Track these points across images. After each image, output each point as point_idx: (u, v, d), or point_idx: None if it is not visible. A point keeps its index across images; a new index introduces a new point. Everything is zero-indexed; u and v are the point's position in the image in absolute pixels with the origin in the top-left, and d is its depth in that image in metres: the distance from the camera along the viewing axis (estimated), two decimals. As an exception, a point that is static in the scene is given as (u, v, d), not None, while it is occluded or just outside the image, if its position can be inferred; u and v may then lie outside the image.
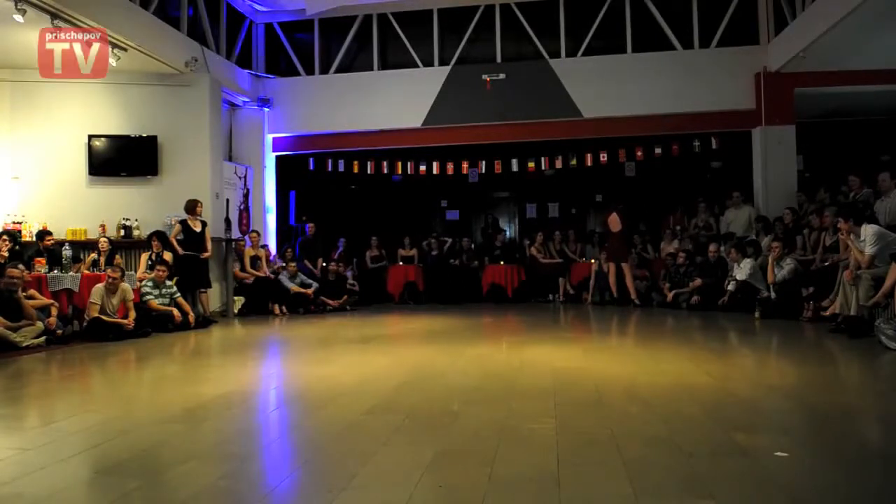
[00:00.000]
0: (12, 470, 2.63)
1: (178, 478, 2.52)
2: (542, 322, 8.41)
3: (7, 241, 7.33)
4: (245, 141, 11.47)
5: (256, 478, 2.62)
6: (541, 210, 13.20)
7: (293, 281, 10.01)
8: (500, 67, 11.35)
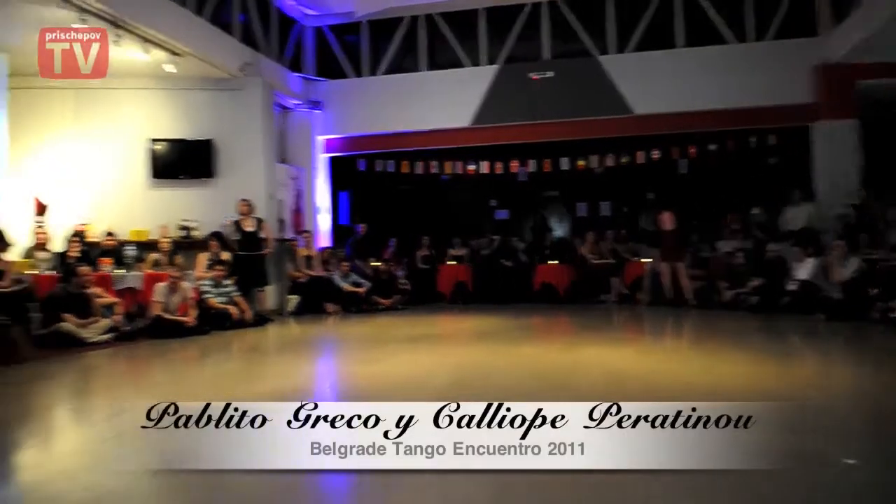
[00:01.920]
0: (86, 461, 2.75)
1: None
2: (595, 322, 8.31)
3: (77, 242, 7.65)
4: (297, 143, 11.69)
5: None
6: (592, 209, 13.04)
7: (346, 280, 10.16)
8: (547, 65, 11.28)
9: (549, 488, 2.36)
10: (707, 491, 2.33)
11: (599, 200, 12.99)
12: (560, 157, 11.72)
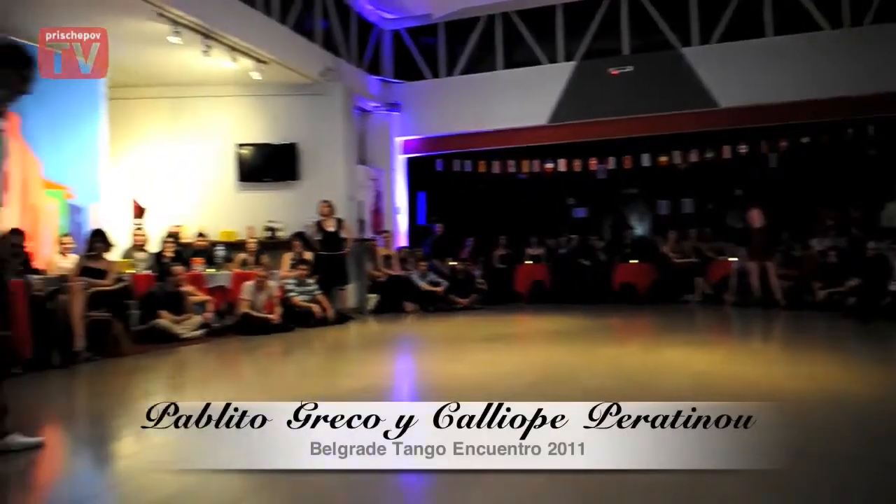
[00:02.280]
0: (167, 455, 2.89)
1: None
2: (678, 323, 8.06)
3: (171, 242, 8.07)
4: (376, 145, 11.90)
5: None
6: (674, 206, 12.64)
7: (424, 280, 10.26)
8: (627, 60, 11.02)
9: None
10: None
11: (682, 197, 12.58)
12: (641, 154, 11.43)
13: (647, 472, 2.38)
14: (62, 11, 6.91)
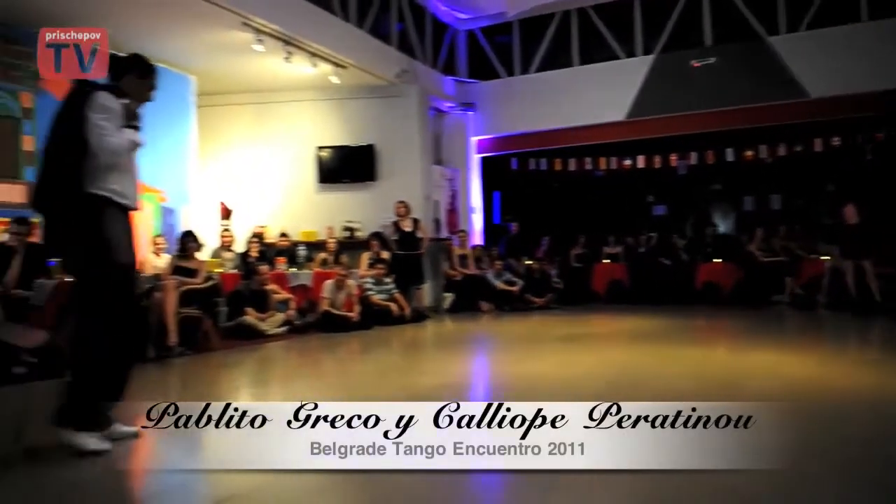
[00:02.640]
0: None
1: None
2: (766, 325, 7.72)
3: (256, 243, 8.39)
4: (451, 144, 11.98)
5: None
6: (760, 202, 12.13)
7: (499, 279, 10.26)
8: (709, 51, 10.64)
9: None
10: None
11: (769, 193, 12.06)
12: (724, 148, 11.02)
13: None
14: (154, 24, 7.30)
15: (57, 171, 2.90)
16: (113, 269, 2.89)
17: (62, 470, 2.68)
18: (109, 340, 2.89)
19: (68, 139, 2.87)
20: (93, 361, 2.88)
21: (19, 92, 6.95)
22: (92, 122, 2.86)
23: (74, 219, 2.87)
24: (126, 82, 3.13)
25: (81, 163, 2.84)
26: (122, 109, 3.00)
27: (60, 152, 2.89)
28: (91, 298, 2.90)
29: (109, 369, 2.93)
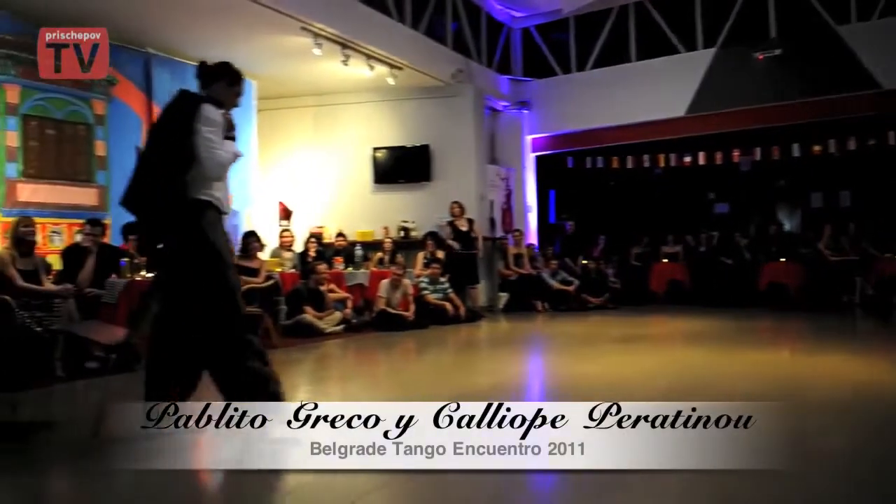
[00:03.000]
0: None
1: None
2: (835, 328, 7.42)
3: (314, 242, 8.55)
4: (506, 143, 11.93)
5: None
6: (829, 199, 11.65)
7: (555, 278, 10.17)
8: (774, 42, 10.27)
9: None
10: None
11: (838, 189, 11.57)
12: (790, 143, 10.62)
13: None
14: (216, 30, 7.54)
15: (163, 178, 2.99)
16: (222, 271, 3.02)
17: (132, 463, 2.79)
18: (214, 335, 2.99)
19: (177, 149, 2.96)
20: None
21: (92, 99, 7.28)
22: (202, 135, 2.96)
23: (179, 222, 2.99)
24: (216, 90, 3.19)
25: (189, 172, 2.96)
26: (223, 121, 3.11)
27: (168, 161, 2.99)
28: (198, 299, 2.99)
29: (183, 364, 3.03)
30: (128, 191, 3.08)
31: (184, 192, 2.97)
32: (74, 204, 7.07)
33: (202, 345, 3.01)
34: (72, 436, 3.22)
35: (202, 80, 3.22)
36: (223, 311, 2.99)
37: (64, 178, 7.00)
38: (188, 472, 2.68)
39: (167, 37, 7.61)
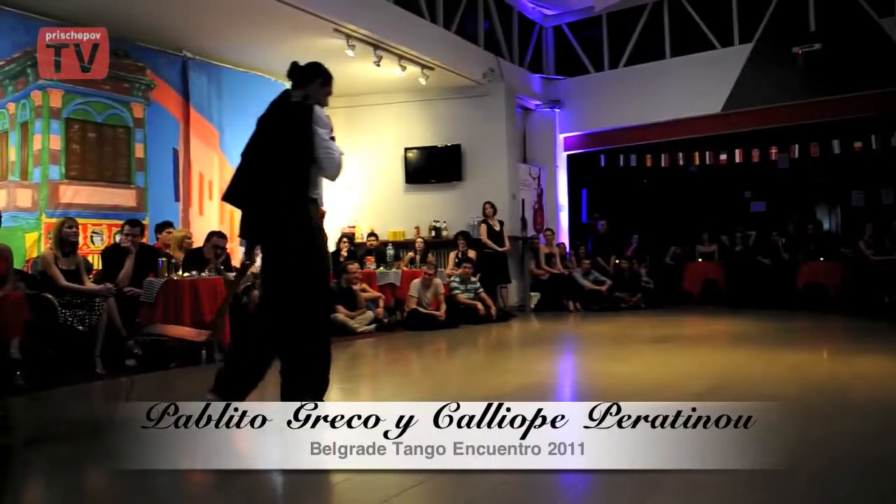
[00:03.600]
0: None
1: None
2: (877, 329, 7.22)
3: (346, 242, 8.63)
4: (537, 142, 11.88)
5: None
6: (870, 197, 11.33)
7: (587, 278, 10.09)
8: (813, 36, 10.02)
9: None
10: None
11: (880, 187, 11.25)
12: (830, 140, 10.36)
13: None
14: (251, 33, 7.65)
15: (285, 176, 3.09)
16: (322, 273, 3.21)
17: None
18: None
19: (298, 149, 3.07)
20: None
21: (131, 103, 7.46)
22: (320, 136, 3.08)
23: (294, 220, 3.09)
24: (311, 90, 3.26)
25: (309, 172, 3.10)
26: (331, 122, 3.22)
27: (290, 161, 3.08)
28: (294, 296, 3.08)
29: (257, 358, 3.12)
30: (234, 188, 3.20)
31: (304, 190, 3.08)
32: (114, 205, 7.25)
33: (284, 340, 3.09)
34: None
35: (296, 81, 3.27)
36: (312, 311, 3.10)
37: (104, 179, 7.19)
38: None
39: (203, 40, 7.76)
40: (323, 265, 3.23)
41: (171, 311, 5.24)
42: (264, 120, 3.21)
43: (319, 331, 3.16)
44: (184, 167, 7.93)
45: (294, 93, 3.23)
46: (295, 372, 3.10)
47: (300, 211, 3.08)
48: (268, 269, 3.16)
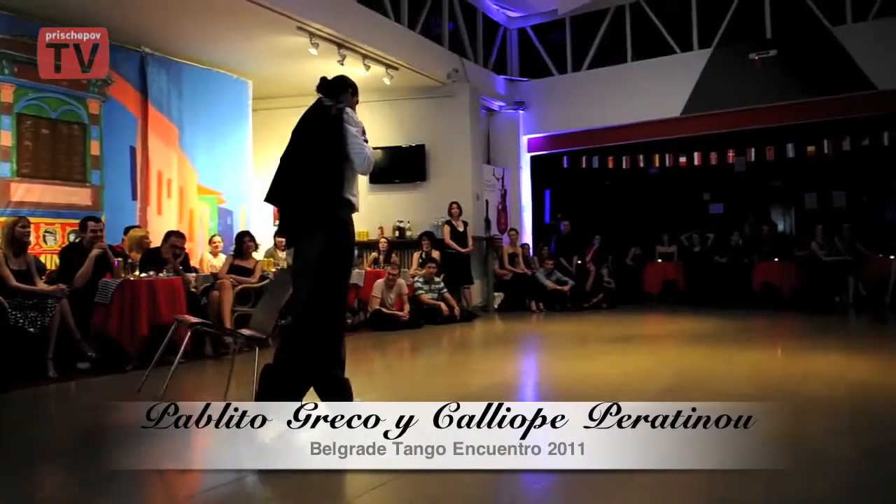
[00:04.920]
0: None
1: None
2: (828, 327, 7.45)
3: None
4: (501, 143, 11.94)
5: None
6: (822, 199, 11.68)
7: (549, 278, 10.18)
8: (770, 43, 10.30)
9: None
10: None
11: (832, 190, 11.61)
12: (785, 144, 10.65)
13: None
14: (213, 30, 7.52)
15: (322, 176, 3.16)
16: (345, 274, 3.27)
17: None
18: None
19: (330, 148, 3.17)
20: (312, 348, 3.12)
21: (87, 99, 7.26)
22: (353, 135, 3.20)
23: (330, 219, 3.15)
24: (344, 100, 3.40)
25: (343, 170, 3.19)
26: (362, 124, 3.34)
27: (326, 160, 3.17)
28: (326, 296, 3.14)
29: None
30: (275, 189, 3.27)
31: (339, 189, 3.16)
32: (68, 204, 7.04)
33: (300, 336, 3.13)
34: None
35: (328, 94, 3.42)
36: (329, 312, 3.15)
37: (58, 177, 6.97)
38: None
39: (163, 36, 7.59)
40: (349, 267, 3.32)
41: (127, 312, 5.12)
42: (300, 126, 3.33)
43: (334, 331, 3.20)
44: (142, 165, 7.75)
45: (326, 101, 3.36)
46: (295, 368, 3.13)
47: (335, 209, 3.17)
48: (302, 267, 3.22)
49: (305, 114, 3.36)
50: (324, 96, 3.40)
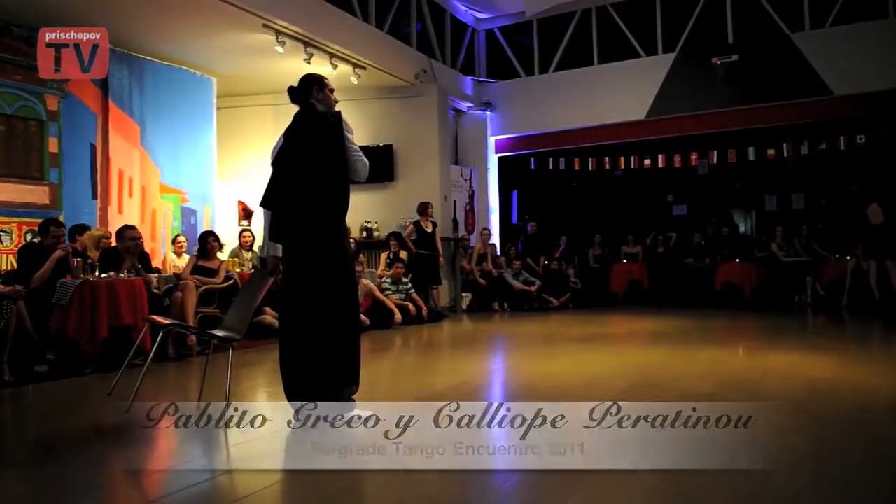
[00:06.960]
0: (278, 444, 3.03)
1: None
2: (787, 326, 7.63)
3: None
4: (469, 144, 11.97)
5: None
6: (782, 202, 11.97)
7: (517, 279, 10.24)
8: (731, 48, 10.51)
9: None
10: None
11: (791, 192, 11.91)
12: (746, 147, 10.89)
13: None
14: (176, 27, 7.39)
15: (331, 181, 3.27)
16: (352, 274, 3.37)
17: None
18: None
19: (337, 162, 3.29)
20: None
21: (45, 94, 7.08)
22: (350, 142, 3.34)
23: (333, 222, 3.29)
24: (318, 98, 3.45)
25: (349, 182, 3.32)
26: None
27: (334, 167, 3.28)
28: (334, 297, 3.21)
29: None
30: (274, 194, 3.34)
31: (347, 201, 3.30)
32: (25, 202, 6.86)
33: (316, 334, 3.19)
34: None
35: (300, 99, 3.47)
36: (342, 315, 3.24)
37: (14, 175, 6.79)
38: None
39: (125, 32, 7.43)
40: (350, 269, 3.39)
41: (86, 313, 5.00)
42: (294, 131, 3.39)
43: (339, 332, 3.25)
44: (102, 163, 7.58)
45: (319, 105, 3.43)
46: (344, 357, 3.24)
47: (341, 219, 3.32)
48: (304, 273, 3.27)
49: (300, 118, 3.40)
50: (297, 103, 3.45)
